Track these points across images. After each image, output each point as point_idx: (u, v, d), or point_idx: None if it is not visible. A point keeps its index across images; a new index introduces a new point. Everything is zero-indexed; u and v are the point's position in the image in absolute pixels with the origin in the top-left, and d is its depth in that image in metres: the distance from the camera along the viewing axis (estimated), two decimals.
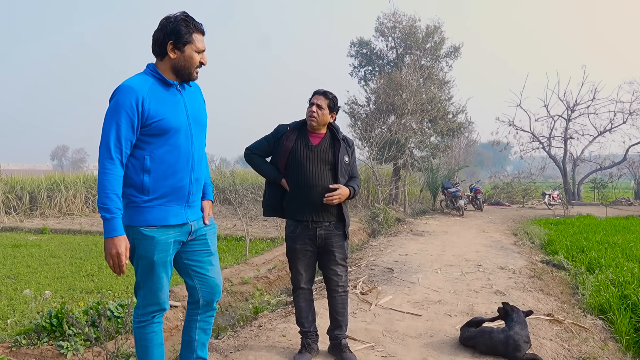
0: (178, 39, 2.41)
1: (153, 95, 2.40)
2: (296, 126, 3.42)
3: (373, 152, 15.77)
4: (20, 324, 4.72)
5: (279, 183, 3.40)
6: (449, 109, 18.41)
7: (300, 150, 3.33)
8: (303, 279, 3.45)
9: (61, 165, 78.58)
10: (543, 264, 7.31)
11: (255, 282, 6.87)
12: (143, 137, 2.40)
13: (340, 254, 3.43)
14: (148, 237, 2.44)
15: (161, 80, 2.46)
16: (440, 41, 19.10)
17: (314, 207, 3.31)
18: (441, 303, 4.97)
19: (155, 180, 2.43)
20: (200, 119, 2.62)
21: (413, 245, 8.88)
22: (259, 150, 3.46)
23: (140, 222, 2.43)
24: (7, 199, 15.47)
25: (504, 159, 53.25)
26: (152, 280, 2.51)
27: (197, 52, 2.46)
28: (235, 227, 12.57)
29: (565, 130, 23.37)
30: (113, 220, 2.30)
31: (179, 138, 2.46)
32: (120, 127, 2.33)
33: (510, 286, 5.72)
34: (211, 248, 2.73)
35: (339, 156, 3.35)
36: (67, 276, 6.91)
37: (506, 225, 12.63)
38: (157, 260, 2.48)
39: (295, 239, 3.38)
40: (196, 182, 2.58)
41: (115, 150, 2.33)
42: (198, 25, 2.46)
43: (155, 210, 2.44)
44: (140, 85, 2.38)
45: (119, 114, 2.32)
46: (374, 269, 6.60)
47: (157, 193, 2.43)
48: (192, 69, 2.48)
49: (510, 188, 22.92)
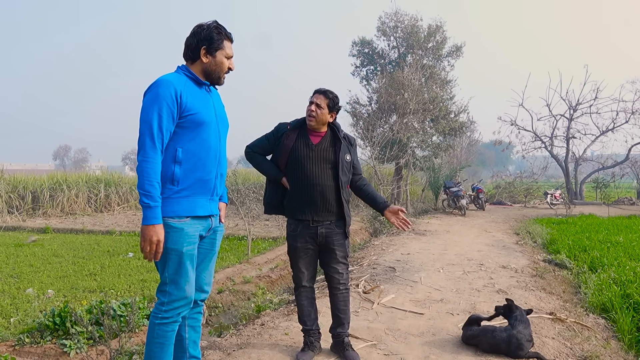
0: (211, 44, 2.58)
1: (189, 90, 2.54)
2: (296, 125, 3.42)
3: (375, 151, 15.76)
4: (23, 322, 4.72)
5: (279, 181, 3.41)
6: (451, 109, 18.40)
7: (301, 149, 3.34)
8: (305, 277, 3.46)
9: (63, 165, 78.78)
10: (545, 263, 7.31)
11: (258, 281, 6.87)
12: (177, 130, 2.52)
13: (341, 252, 3.44)
14: (177, 229, 2.50)
15: (194, 80, 2.61)
16: (442, 40, 19.07)
17: (314, 206, 3.32)
18: (443, 302, 4.98)
19: (185, 172, 2.52)
20: (224, 120, 2.78)
21: (415, 245, 8.88)
22: (259, 149, 3.47)
23: (170, 212, 2.49)
24: (9, 198, 15.50)
25: (506, 158, 53.21)
26: (180, 273, 2.54)
27: (227, 58, 2.64)
28: (238, 227, 12.57)
29: (568, 130, 23.35)
30: (156, 209, 2.39)
31: (209, 133, 2.59)
32: (162, 118, 2.43)
33: (513, 285, 5.72)
34: (216, 248, 2.80)
35: (339, 155, 3.36)
36: (70, 275, 6.91)
37: (508, 225, 12.62)
38: (185, 252, 2.53)
39: (297, 237, 3.38)
40: (221, 177, 2.70)
41: (158, 139, 2.43)
42: (228, 34, 2.65)
43: (184, 201, 2.52)
44: (177, 80, 2.52)
45: (161, 104, 2.43)
46: (376, 268, 6.61)
47: (185, 184, 2.52)
48: (221, 73, 2.65)
49: (513, 187, 22.92)
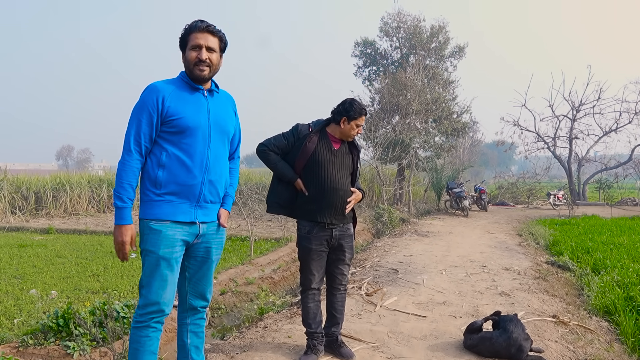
0: (182, 43, 2.61)
1: (176, 95, 2.56)
2: (317, 128, 3.44)
3: (377, 152, 15.75)
4: (26, 324, 4.73)
5: (293, 183, 3.42)
6: (454, 109, 18.39)
7: (324, 153, 3.37)
8: (315, 280, 3.46)
9: (66, 165, 78.96)
10: (548, 265, 7.29)
11: (260, 283, 6.87)
12: (163, 134, 2.55)
13: (349, 254, 3.54)
14: (155, 231, 2.53)
15: (188, 85, 2.62)
16: (445, 41, 19.07)
17: (334, 210, 3.38)
18: (446, 304, 4.98)
19: (168, 176, 2.54)
20: (223, 125, 2.71)
21: (417, 246, 8.87)
22: (276, 148, 3.44)
23: (151, 215, 2.54)
24: (13, 199, 15.50)
25: (509, 158, 53.10)
26: (155, 277, 2.54)
27: (192, 50, 2.57)
28: (240, 227, 12.58)
29: (571, 130, 23.30)
30: (124, 209, 2.47)
31: (195, 138, 2.57)
32: (141, 123, 2.50)
33: (515, 287, 5.71)
34: (212, 256, 2.77)
35: (355, 162, 3.49)
36: (73, 276, 6.91)
37: (511, 226, 12.60)
38: (162, 255, 2.53)
39: (312, 239, 3.39)
40: (210, 184, 2.64)
41: (135, 143, 2.50)
42: (196, 23, 2.58)
43: (165, 205, 2.54)
44: (164, 85, 2.56)
45: (142, 110, 2.51)
46: (378, 270, 6.60)
47: (168, 188, 2.54)
48: (191, 67, 2.57)
49: (515, 188, 22.88)
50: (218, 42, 2.63)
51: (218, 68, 2.66)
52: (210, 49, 2.58)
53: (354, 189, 3.48)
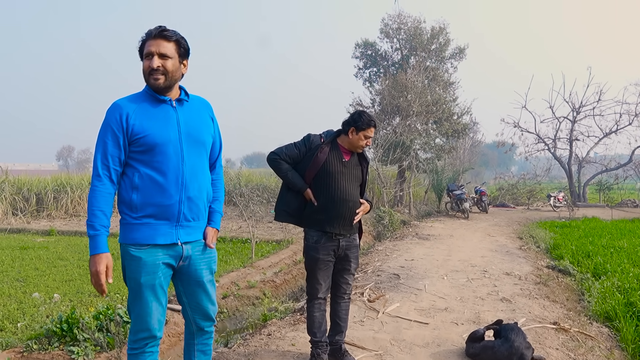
0: (140, 53, 2.44)
1: (140, 112, 2.39)
2: (329, 139, 3.48)
3: (378, 153, 15.76)
4: (30, 327, 4.75)
5: (303, 193, 3.45)
6: (454, 110, 18.41)
7: (335, 164, 3.40)
8: (321, 289, 3.50)
9: (67, 165, 78.95)
10: (549, 269, 7.32)
11: (262, 286, 6.90)
12: (132, 155, 2.39)
13: (355, 264, 3.59)
14: (135, 258, 2.40)
15: (152, 97, 2.44)
16: (446, 42, 19.11)
17: (343, 221, 3.41)
18: (448, 311, 5.00)
19: (143, 198, 2.39)
20: (198, 136, 2.52)
21: (419, 250, 8.90)
22: (288, 157, 3.46)
23: (129, 239, 2.41)
24: (14, 200, 15.53)
25: (509, 159, 53.13)
26: (140, 304, 2.44)
27: (146, 58, 2.40)
28: (241, 229, 12.60)
29: (571, 132, 23.32)
30: (96, 237, 2.31)
31: (167, 154, 2.40)
32: (107, 145, 2.36)
33: (516, 293, 5.74)
34: (203, 278, 2.60)
35: (364, 173, 3.53)
36: (75, 279, 6.93)
37: (511, 229, 12.63)
38: (144, 282, 2.41)
39: (319, 249, 3.42)
40: (189, 201, 2.47)
41: (103, 167, 2.36)
42: (150, 30, 2.41)
43: (144, 228, 2.39)
44: (128, 103, 2.40)
45: (106, 131, 2.37)
46: (380, 275, 6.62)
47: (145, 211, 2.39)
48: (147, 75, 2.40)
49: (515, 189, 22.89)
50: (174, 47, 2.42)
51: (177, 75, 2.45)
52: (163, 55, 2.38)
53: (362, 200, 3.52)
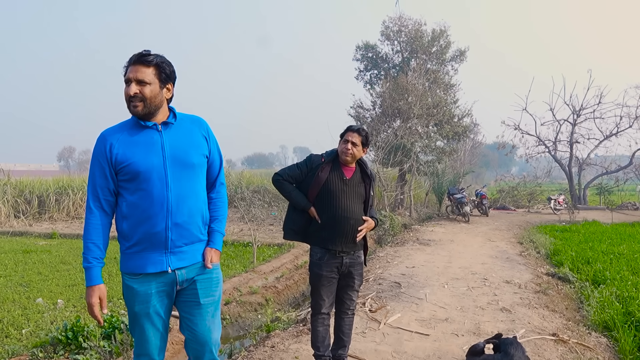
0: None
1: (124, 140, 2.38)
2: (330, 158, 3.54)
3: (379, 156, 15.79)
4: (34, 334, 4.79)
5: (307, 211, 3.52)
6: (455, 113, 18.44)
7: (336, 182, 3.46)
8: (325, 305, 3.55)
9: (68, 166, 78.99)
10: (548, 276, 7.37)
11: (264, 292, 6.94)
12: (120, 183, 2.40)
13: (358, 281, 3.62)
14: (129, 287, 2.43)
15: (137, 124, 2.42)
16: (446, 45, 19.12)
17: (345, 238, 3.45)
18: (448, 321, 5.04)
19: (131, 227, 2.38)
20: (185, 158, 2.45)
21: (420, 256, 8.94)
22: (290, 177, 3.57)
23: (125, 268, 2.44)
24: (16, 202, 15.59)
25: (510, 160, 53.18)
26: (138, 330, 2.47)
27: (126, 84, 2.35)
28: (242, 232, 12.63)
29: (571, 135, 23.36)
30: (89, 270, 2.35)
31: (150, 182, 2.36)
32: (95, 177, 2.39)
33: (516, 302, 5.79)
34: (201, 299, 2.52)
35: (368, 191, 3.55)
36: (79, 284, 6.97)
37: (512, 233, 12.67)
38: (138, 311, 2.43)
39: (323, 266, 3.48)
40: (177, 227, 2.41)
41: (93, 199, 2.39)
42: (132, 58, 2.37)
43: (135, 257, 2.40)
44: (112, 132, 2.41)
45: (94, 163, 2.40)
46: (381, 284, 6.66)
47: (134, 239, 2.39)
48: (127, 102, 2.37)
49: (516, 192, 22.91)
50: (154, 72, 2.35)
51: (157, 100, 2.38)
52: (141, 81, 2.32)
53: (366, 217, 3.54)
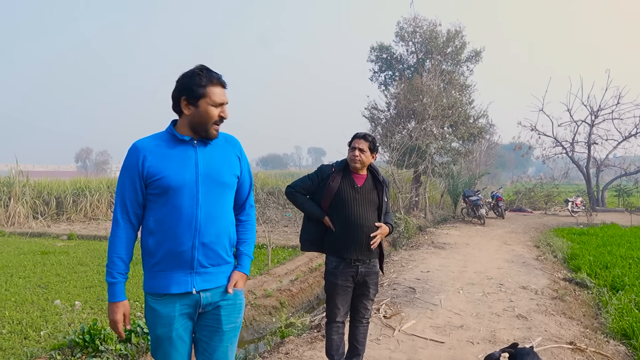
0: (191, 94, 2.28)
1: (157, 153, 2.30)
2: (340, 167, 3.56)
3: (394, 157, 15.73)
4: (52, 336, 4.85)
5: (321, 221, 3.53)
6: (470, 113, 18.30)
7: (347, 191, 3.47)
8: (340, 313, 3.55)
9: (85, 167, 79.91)
10: (566, 282, 7.28)
11: (279, 295, 6.96)
12: (150, 197, 2.31)
13: (373, 290, 3.61)
14: (152, 309, 2.32)
15: (173, 137, 2.34)
16: (461, 46, 18.98)
17: (359, 246, 3.45)
18: (463, 328, 5.01)
19: (157, 243, 2.29)
20: (218, 177, 2.38)
21: (435, 260, 8.89)
22: (302, 189, 3.60)
23: (148, 288, 2.34)
24: (34, 204, 15.85)
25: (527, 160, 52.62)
26: (160, 354, 2.37)
27: (214, 106, 2.29)
28: (257, 234, 12.66)
29: (589, 136, 23.06)
30: (114, 286, 2.27)
31: (180, 198, 2.28)
32: (125, 188, 2.30)
33: (533, 309, 5.72)
34: (223, 326, 2.41)
35: (382, 197, 3.53)
36: (96, 285, 7.04)
37: (528, 236, 12.53)
38: (160, 334, 2.32)
39: (338, 275, 3.48)
40: (203, 247, 2.32)
41: (122, 211, 2.30)
42: (214, 78, 2.29)
43: (159, 276, 2.30)
44: (146, 144, 2.32)
45: (124, 175, 2.31)
46: (396, 289, 6.64)
47: (158, 257, 2.29)
48: (208, 124, 2.31)
49: (533, 193, 22.67)
50: None
51: None
52: (224, 104, 2.35)
53: (379, 223, 3.52)
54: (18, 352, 4.37)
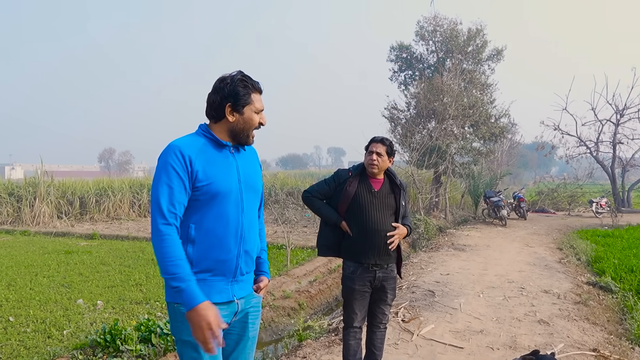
0: (237, 100, 2.22)
1: (203, 156, 2.20)
2: (357, 171, 3.55)
3: (414, 158, 15.63)
4: (75, 335, 4.94)
5: (338, 225, 3.52)
6: (492, 113, 18.08)
7: (364, 195, 3.46)
8: (357, 319, 3.54)
9: (108, 167, 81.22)
10: (589, 286, 7.13)
11: (297, 297, 6.96)
12: (192, 203, 2.18)
13: (391, 296, 3.59)
14: None
15: (214, 141, 2.26)
16: (483, 44, 18.75)
17: (377, 251, 3.43)
18: (483, 333, 4.95)
19: (200, 252, 2.17)
20: (254, 184, 2.38)
21: (454, 263, 8.80)
22: (319, 194, 3.59)
23: None
24: (59, 204, 16.15)
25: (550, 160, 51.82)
26: None
27: (256, 113, 2.29)
28: (276, 234, 12.71)
29: (614, 135, 22.58)
30: (189, 288, 2.03)
31: (228, 205, 2.23)
32: (173, 190, 2.11)
33: (555, 314, 5.62)
34: (249, 333, 2.37)
35: (399, 201, 3.51)
36: (117, 285, 7.14)
37: (551, 238, 12.32)
38: (195, 343, 2.12)
39: (355, 280, 3.47)
40: (246, 254, 2.29)
41: (170, 214, 2.10)
42: (256, 85, 2.29)
43: (200, 285, 2.11)
44: (189, 145, 2.19)
45: (170, 175, 2.12)
46: (415, 292, 6.59)
47: (200, 266, 2.17)
48: (250, 131, 2.30)
49: (556, 194, 22.28)
50: None
51: None
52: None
53: (396, 224, 3.48)
54: (42, 351, 4.46)
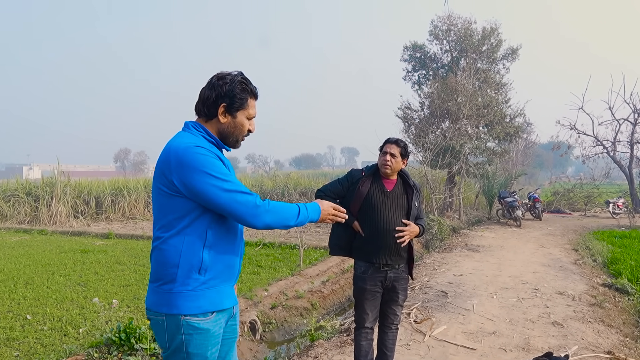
0: (232, 102, 2.13)
1: (223, 160, 2.14)
2: (370, 172, 3.56)
3: (427, 158, 15.56)
4: (90, 333, 5.01)
5: (350, 225, 3.53)
6: (507, 112, 17.93)
7: (376, 196, 3.46)
8: (368, 319, 3.54)
9: (123, 167, 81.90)
10: (605, 287, 7.04)
11: (310, 297, 6.98)
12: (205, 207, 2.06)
13: (402, 296, 3.58)
14: (202, 331, 2.04)
15: (216, 145, 2.18)
16: (497, 43, 18.60)
17: (388, 251, 3.43)
18: (496, 335, 4.91)
19: (214, 257, 2.08)
20: None
21: (468, 264, 8.75)
22: (332, 193, 3.60)
23: (194, 308, 2.02)
24: (75, 203, 16.41)
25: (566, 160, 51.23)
26: None
27: (248, 119, 2.21)
28: (289, 234, 12.75)
29: (632, 135, 22.23)
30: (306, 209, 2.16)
31: None
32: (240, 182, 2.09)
33: (569, 316, 5.57)
34: (237, 334, 2.34)
35: (412, 202, 3.51)
36: (132, 284, 7.22)
37: (566, 239, 12.19)
38: (210, 356, 2.09)
39: (366, 279, 3.48)
40: (241, 257, 2.27)
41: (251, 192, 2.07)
42: (255, 90, 2.20)
43: (211, 292, 2.06)
44: (212, 147, 2.11)
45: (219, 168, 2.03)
46: (427, 293, 6.57)
47: (213, 272, 2.08)
48: (240, 136, 2.21)
49: (572, 194, 22.02)
50: None
51: None
52: None
53: (407, 221, 3.45)
54: (58, 349, 4.53)
